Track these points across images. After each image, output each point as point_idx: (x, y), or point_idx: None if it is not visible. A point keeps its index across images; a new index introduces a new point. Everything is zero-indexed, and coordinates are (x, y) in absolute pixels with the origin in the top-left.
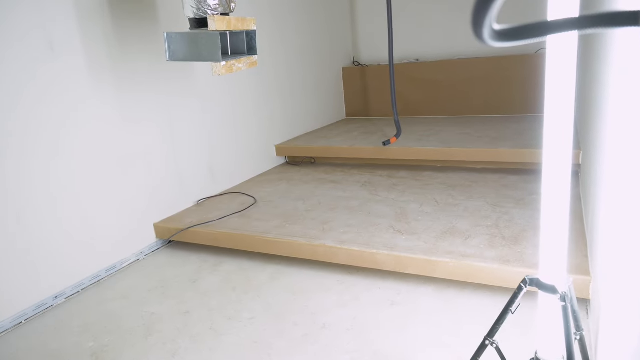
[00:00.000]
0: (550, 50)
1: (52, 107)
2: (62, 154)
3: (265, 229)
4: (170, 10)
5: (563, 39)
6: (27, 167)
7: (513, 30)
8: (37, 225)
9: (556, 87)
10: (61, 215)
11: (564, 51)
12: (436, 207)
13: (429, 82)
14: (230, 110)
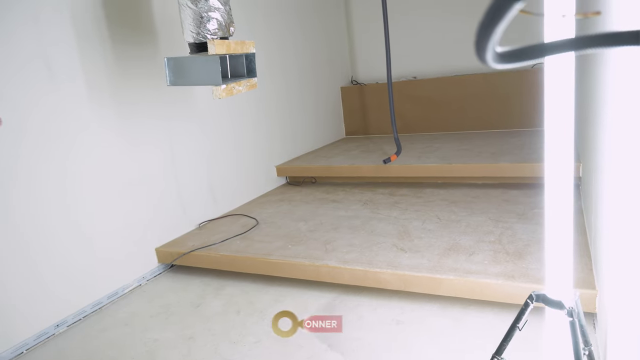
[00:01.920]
0: (548, 65)
1: (55, 134)
2: (64, 181)
3: (267, 251)
4: (169, 35)
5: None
6: (31, 195)
7: (515, 52)
8: (38, 253)
9: (555, 101)
10: (62, 243)
11: (562, 65)
12: (438, 224)
13: (427, 99)
14: (230, 132)
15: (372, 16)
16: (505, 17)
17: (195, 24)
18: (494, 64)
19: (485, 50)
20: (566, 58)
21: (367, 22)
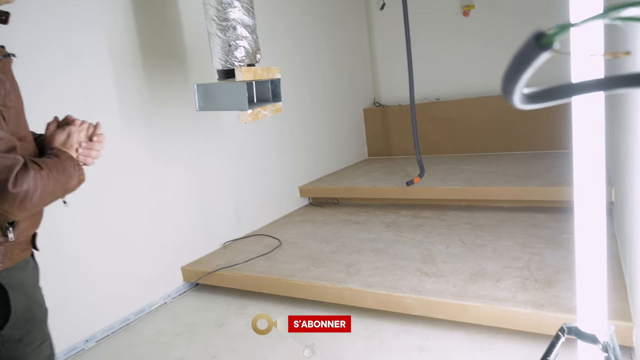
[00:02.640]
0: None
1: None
2: (93, 201)
3: (290, 272)
4: (199, 62)
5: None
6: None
7: (542, 93)
8: (68, 270)
9: (584, 123)
10: (92, 260)
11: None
12: (463, 248)
13: (450, 120)
14: (255, 153)
15: (395, 39)
16: (531, 65)
17: (223, 52)
18: (521, 106)
19: (513, 94)
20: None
21: (390, 44)
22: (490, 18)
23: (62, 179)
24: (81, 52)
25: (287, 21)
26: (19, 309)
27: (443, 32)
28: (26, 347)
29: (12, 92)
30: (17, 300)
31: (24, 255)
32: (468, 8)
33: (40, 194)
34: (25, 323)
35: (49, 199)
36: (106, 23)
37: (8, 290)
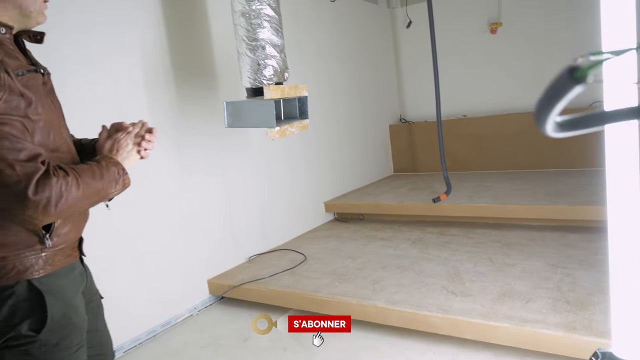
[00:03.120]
0: (608, 102)
1: None
2: (123, 212)
3: (315, 288)
4: (228, 80)
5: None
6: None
7: (575, 121)
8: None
9: (617, 139)
10: (120, 271)
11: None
12: (491, 267)
13: (477, 137)
14: (281, 168)
15: (421, 56)
16: (565, 98)
17: (252, 71)
18: (554, 134)
19: (545, 124)
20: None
21: (416, 61)
22: (517, 35)
23: (97, 185)
24: (115, 67)
25: (315, 39)
26: (55, 315)
27: (470, 50)
28: (63, 352)
29: (40, 106)
30: (53, 307)
31: (68, 262)
32: (495, 26)
33: (67, 200)
34: (62, 328)
35: (80, 204)
36: (140, 39)
37: (45, 297)
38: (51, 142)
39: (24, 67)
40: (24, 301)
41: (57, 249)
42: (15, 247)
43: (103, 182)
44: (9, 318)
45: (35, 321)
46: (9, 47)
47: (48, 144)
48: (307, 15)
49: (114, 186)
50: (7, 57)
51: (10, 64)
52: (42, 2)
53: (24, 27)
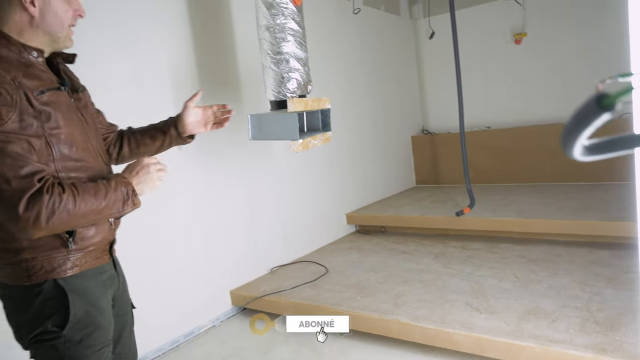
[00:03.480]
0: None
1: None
2: (148, 221)
3: (336, 301)
4: (252, 92)
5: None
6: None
7: (603, 144)
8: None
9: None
10: (144, 280)
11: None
12: (516, 284)
13: (501, 149)
14: (304, 179)
15: (444, 66)
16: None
17: (276, 84)
18: (581, 158)
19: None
20: None
21: (439, 72)
22: (542, 46)
23: (98, 203)
24: (145, 78)
25: (338, 51)
26: (78, 312)
27: (494, 60)
28: (86, 349)
29: (61, 120)
30: (77, 305)
31: (97, 264)
32: (520, 36)
33: (59, 217)
34: (85, 326)
35: (78, 220)
36: (168, 52)
37: (69, 295)
38: (73, 153)
39: (45, 86)
40: (50, 299)
41: (84, 251)
42: (43, 249)
43: (107, 201)
44: (38, 314)
45: (60, 318)
46: (38, 68)
47: (70, 155)
48: (331, 27)
49: (120, 206)
50: (26, 78)
51: (29, 84)
52: (68, 29)
53: (53, 50)
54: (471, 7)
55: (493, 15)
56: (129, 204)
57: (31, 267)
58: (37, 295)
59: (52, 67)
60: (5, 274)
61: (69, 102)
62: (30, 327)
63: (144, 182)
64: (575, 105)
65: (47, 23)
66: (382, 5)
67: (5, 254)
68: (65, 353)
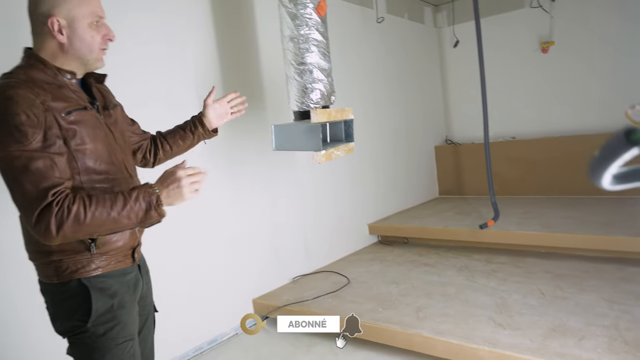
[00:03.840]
0: None
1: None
2: (173, 230)
3: (358, 312)
4: (276, 102)
5: None
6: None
7: (631, 173)
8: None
9: None
10: (169, 288)
11: None
12: (542, 300)
13: (527, 160)
14: (328, 189)
15: (469, 75)
16: (620, 158)
17: (300, 95)
18: (610, 188)
19: (601, 179)
20: None
21: (463, 81)
22: (570, 55)
23: (112, 214)
24: (173, 88)
25: (361, 60)
26: (100, 308)
27: (520, 69)
28: (109, 342)
29: (86, 137)
30: (98, 301)
31: (119, 266)
32: (547, 45)
33: (70, 226)
34: (108, 321)
35: (90, 229)
36: (193, 62)
37: (91, 292)
38: (97, 166)
39: (72, 106)
40: (76, 296)
41: (106, 255)
42: (68, 252)
43: (125, 211)
44: (66, 309)
45: (84, 313)
46: (70, 89)
47: (95, 168)
48: (354, 36)
49: (142, 215)
50: (55, 100)
51: (57, 106)
52: (99, 51)
53: (85, 71)
54: (497, 15)
55: (519, 23)
56: (153, 215)
57: (59, 268)
58: (65, 292)
59: (86, 86)
60: (40, 272)
61: (96, 120)
62: (62, 320)
63: (174, 195)
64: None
65: (75, 49)
66: (405, 14)
67: (38, 256)
68: (91, 345)
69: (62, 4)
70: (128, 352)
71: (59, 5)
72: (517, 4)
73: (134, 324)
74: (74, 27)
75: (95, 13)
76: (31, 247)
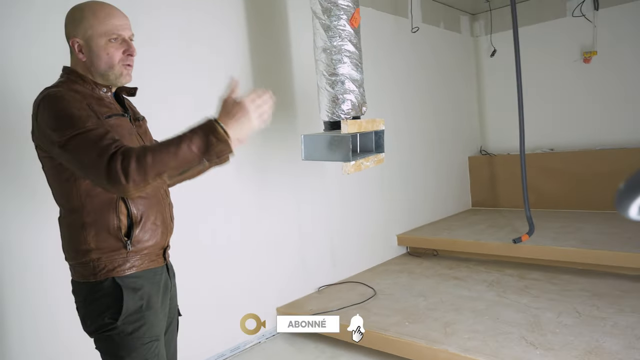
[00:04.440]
0: None
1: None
2: (200, 236)
3: (384, 326)
4: (306, 111)
5: None
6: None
7: None
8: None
9: None
10: (194, 294)
11: None
12: (577, 319)
13: (565, 173)
14: (355, 198)
15: (506, 85)
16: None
17: (331, 105)
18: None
19: (628, 210)
20: None
21: (500, 91)
22: (613, 66)
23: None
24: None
25: (393, 70)
26: (130, 307)
27: (561, 79)
28: (136, 341)
29: (124, 139)
30: (129, 300)
31: (151, 266)
32: (589, 54)
33: (137, 170)
34: (136, 320)
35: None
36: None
37: (124, 291)
38: None
39: (112, 112)
40: (109, 295)
41: (141, 254)
42: (106, 250)
43: (185, 144)
44: (99, 307)
45: (115, 311)
46: (107, 101)
47: None
48: (387, 46)
49: (202, 146)
50: (97, 106)
51: (100, 110)
52: (120, 67)
53: (114, 85)
54: (538, 24)
55: (560, 32)
56: (213, 141)
57: (97, 266)
58: (99, 291)
59: (119, 100)
60: (76, 272)
61: (131, 127)
62: (93, 318)
63: (243, 125)
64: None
65: (95, 66)
66: (441, 23)
67: (77, 255)
68: (119, 342)
69: (79, 25)
70: (153, 352)
71: (77, 27)
72: (558, 12)
73: (160, 324)
74: (90, 46)
75: (112, 32)
76: (71, 247)
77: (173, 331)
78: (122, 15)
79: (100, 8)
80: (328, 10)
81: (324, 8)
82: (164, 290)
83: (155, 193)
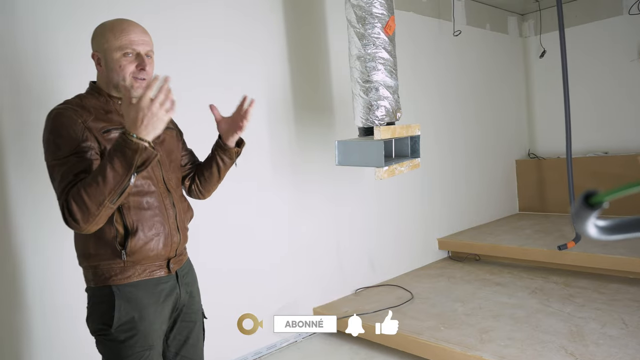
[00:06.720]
0: None
1: (245, 203)
2: (237, 238)
3: (418, 330)
4: (342, 117)
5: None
6: (201, 247)
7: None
8: (207, 300)
9: None
10: (230, 292)
11: None
12: (624, 331)
13: (618, 177)
14: (394, 201)
15: (556, 87)
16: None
17: (365, 111)
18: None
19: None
20: None
21: (550, 93)
22: None
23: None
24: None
25: (434, 73)
26: (122, 317)
27: (618, 79)
28: (127, 349)
29: None
30: (121, 309)
31: (151, 276)
32: None
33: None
34: (128, 330)
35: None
36: (265, 78)
37: (116, 300)
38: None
39: (114, 125)
40: (105, 302)
41: (140, 264)
42: (104, 257)
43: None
44: (96, 312)
45: (109, 319)
46: (116, 113)
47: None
48: (429, 49)
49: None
50: (96, 121)
51: (96, 126)
52: (132, 79)
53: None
54: (592, 23)
55: (616, 31)
56: (128, 153)
57: (96, 273)
58: (98, 296)
59: None
60: (84, 275)
61: None
62: (92, 321)
63: (151, 124)
64: None
65: (109, 78)
66: (487, 24)
67: (82, 259)
68: (111, 348)
69: (99, 41)
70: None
71: (97, 42)
72: (614, 10)
73: (158, 331)
74: (106, 59)
75: (126, 46)
76: (77, 252)
77: (198, 335)
78: (141, 31)
79: (118, 24)
80: (362, 19)
81: (359, 17)
82: (165, 298)
83: (158, 204)
